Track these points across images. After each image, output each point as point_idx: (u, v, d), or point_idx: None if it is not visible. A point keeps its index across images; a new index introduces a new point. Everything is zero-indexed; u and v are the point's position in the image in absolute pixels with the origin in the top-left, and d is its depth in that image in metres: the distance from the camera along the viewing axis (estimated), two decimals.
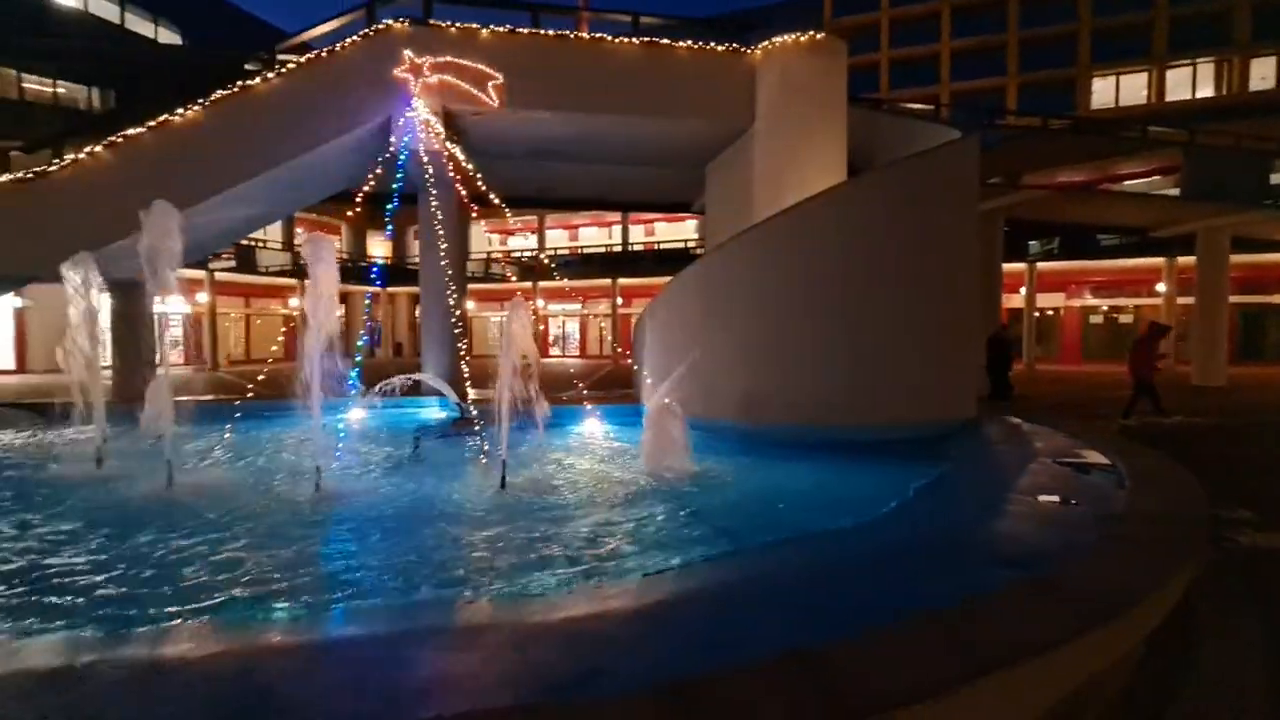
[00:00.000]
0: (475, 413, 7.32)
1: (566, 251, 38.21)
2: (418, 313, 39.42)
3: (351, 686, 1.85)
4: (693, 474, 5.26)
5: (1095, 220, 19.87)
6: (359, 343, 8.92)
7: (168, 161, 7.64)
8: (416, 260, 36.76)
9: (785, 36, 8.90)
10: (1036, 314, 24.30)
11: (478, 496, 4.65)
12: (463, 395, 8.45)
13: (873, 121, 10.76)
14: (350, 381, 6.05)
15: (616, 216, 34.82)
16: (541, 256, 25.58)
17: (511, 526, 3.93)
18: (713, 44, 9.14)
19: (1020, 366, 21.96)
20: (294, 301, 29.97)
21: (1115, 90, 36.20)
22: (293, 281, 29.18)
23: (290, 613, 2.77)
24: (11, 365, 21.03)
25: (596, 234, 38.54)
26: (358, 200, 8.28)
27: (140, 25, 28.47)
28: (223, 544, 3.65)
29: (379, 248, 37.25)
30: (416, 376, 8.32)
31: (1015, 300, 23.50)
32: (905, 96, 34.60)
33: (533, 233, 38.74)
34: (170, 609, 2.80)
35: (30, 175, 7.40)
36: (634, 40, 8.95)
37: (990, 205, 14.01)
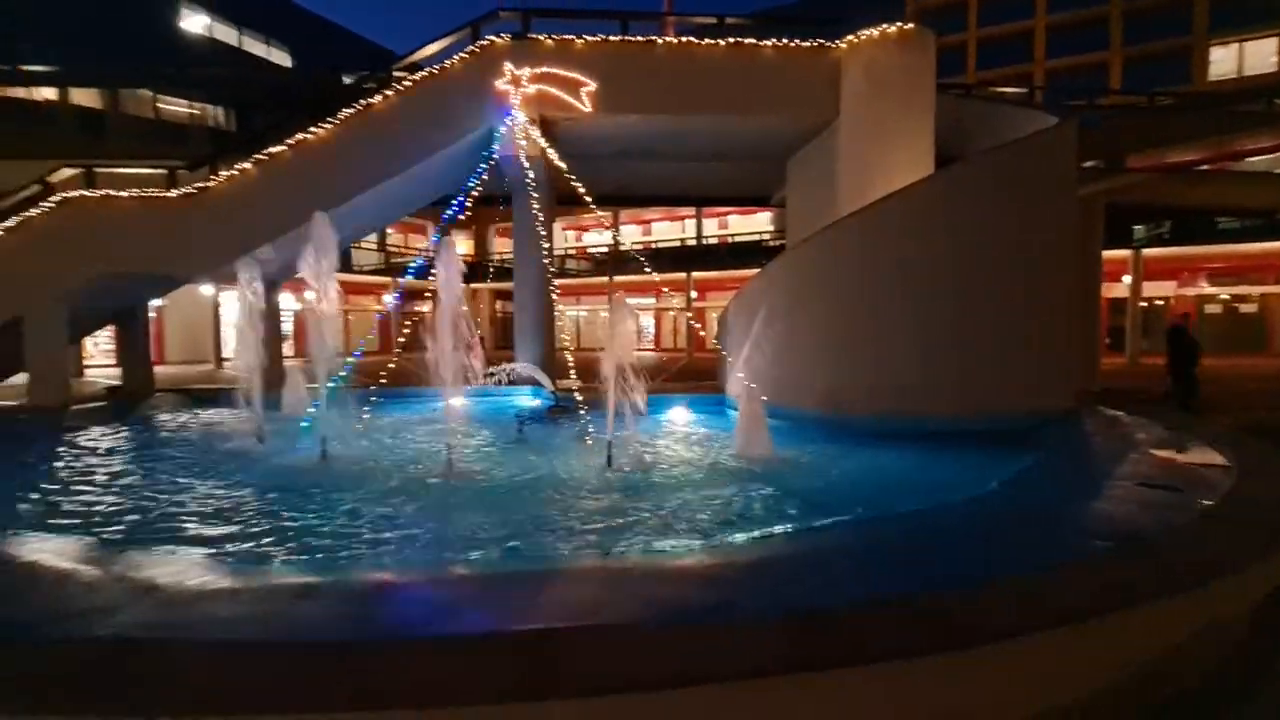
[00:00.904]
0: (570, 401, 7.89)
1: (640, 246, 38.75)
2: (498, 307, 41.18)
3: (521, 610, 2.31)
4: (783, 459, 5.56)
5: (1213, 202, 18.40)
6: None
7: (304, 175, 8.63)
8: (497, 258, 38.15)
9: (871, 30, 8.94)
10: (1143, 304, 22.70)
11: (589, 473, 5.14)
12: (554, 385, 9.08)
13: (962, 109, 10.56)
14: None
15: (689, 210, 34.99)
16: (629, 250, 26.13)
17: (624, 497, 4.39)
18: (797, 41, 9.28)
19: (1121, 361, 20.65)
20: (387, 298, 31.98)
21: (1238, 59, 33.03)
22: (385, 280, 31.12)
23: (456, 557, 3.32)
24: (152, 357, 23.73)
25: (669, 228, 38.83)
26: (466, 203, 9.03)
27: (254, 46, 31.15)
28: (382, 502, 4.31)
29: (461, 245, 39.08)
30: (518, 366, 8.95)
31: (1118, 289, 22.05)
32: (994, 77, 32.93)
33: (606, 228, 39.53)
34: (346, 550, 3.41)
35: (194, 190, 8.54)
36: (719, 42, 9.23)
37: (1090, 190, 13.35)
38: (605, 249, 36.80)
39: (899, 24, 8.91)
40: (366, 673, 1.70)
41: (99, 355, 19.84)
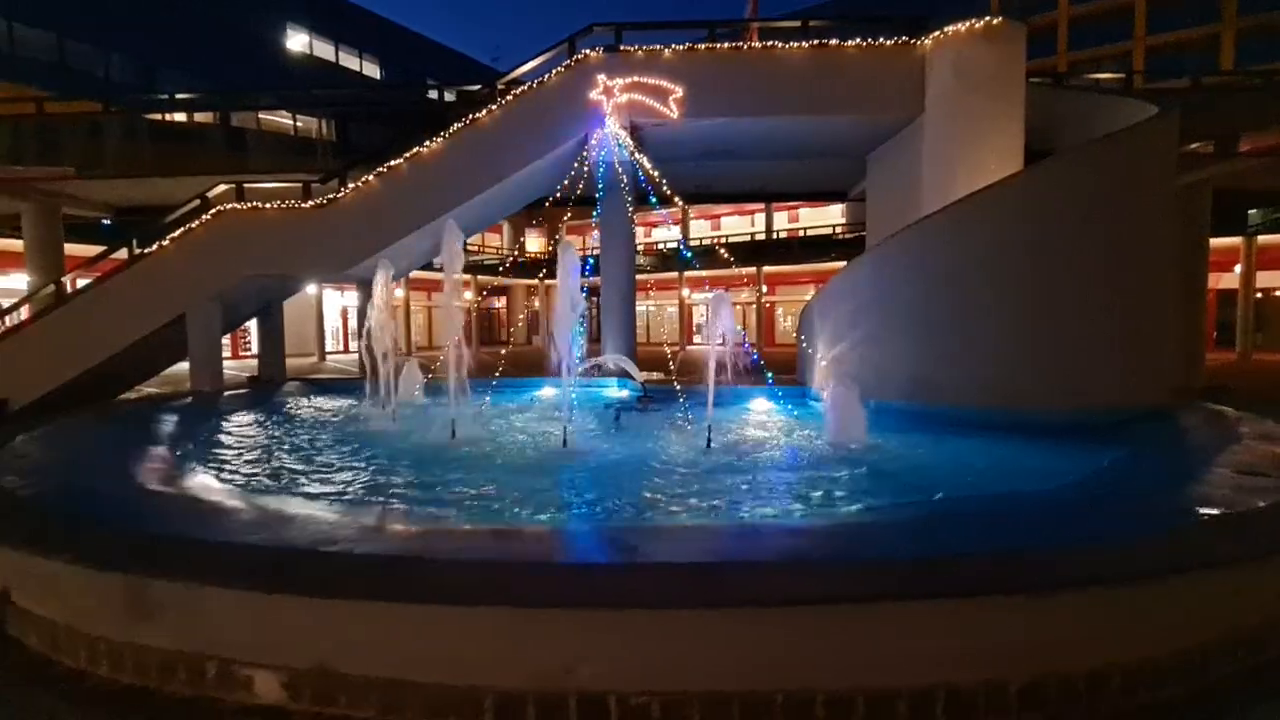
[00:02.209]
0: (655, 392, 8.46)
1: (709, 241, 38.96)
2: None
3: (671, 552, 2.82)
4: (875, 445, 5.87)
5: None
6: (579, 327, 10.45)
7: (418, 186, 9.57)
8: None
9: (957, 25, 8.97)
10: (1258, 295, 21.08)
11: (691, 453, 5.65)
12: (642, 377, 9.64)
13: (1053, 99, 10.36)
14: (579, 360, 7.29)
15: (759, 204, 34.93)
16: (715, 244, 26.59)
17: (729, 475, 4.86)
18: (880, 39, 9.43)
19: (1230, 357, 19.33)
20: (468, 295, 33.67)
21: None
22: (468, 277, 32.78)
23: (605, 514, 3.90)
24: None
25: (738, 222, 38.84)
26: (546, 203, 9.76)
27: (349, 61, 33.42)
28: (524, 472, 4.98)
29: (534, 243, 40.50)
30: (611, 359, 9.57)
31: (1228, 279, 20.60)
32: (1088, 58, 31.10)
33: (676, 224, 39.96)
34: (480, 508, 4.03)
35: (325, 201, 9.62)
36: (803, 45, 9.51)
37: (1194, 177, 12.68)
38: (674, 244, 37.31)
39: (987, 19, 8.91)
40: (595, 586, 2.28)
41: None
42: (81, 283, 10.53)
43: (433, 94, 18.31)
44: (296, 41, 31.23)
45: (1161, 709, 2.25)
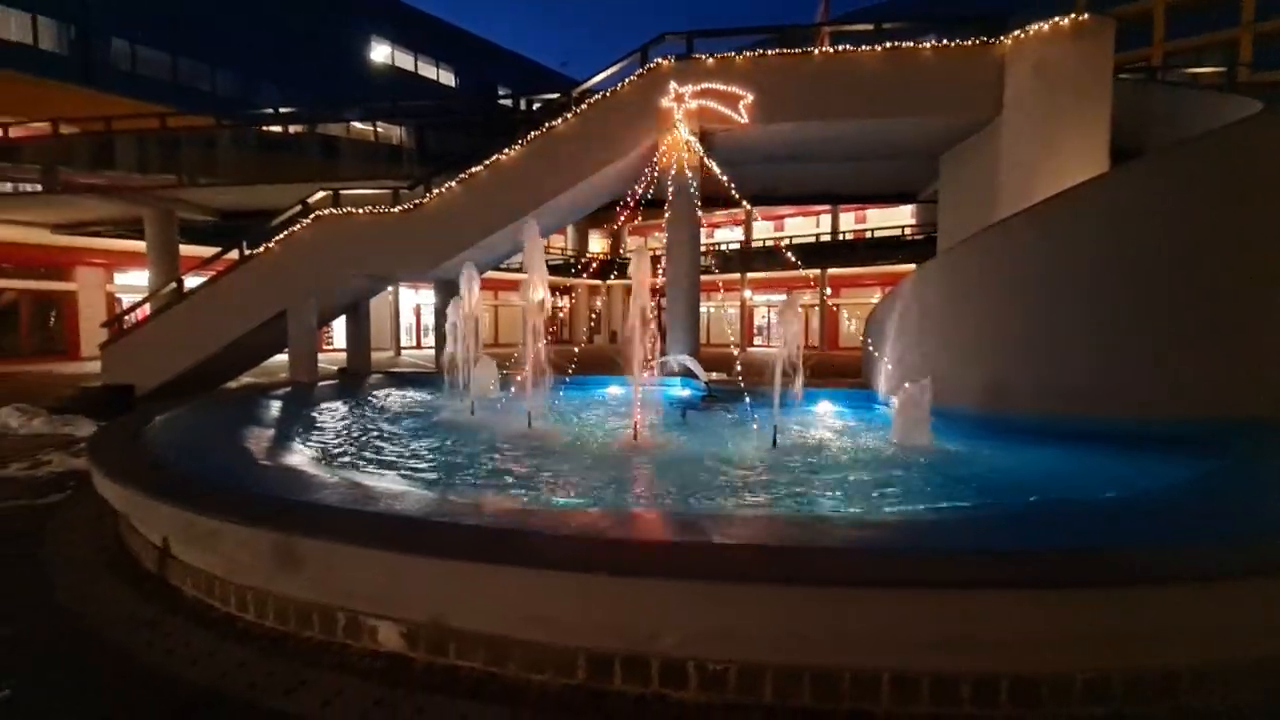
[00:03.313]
0: (720, 392, 8.62)
1: (772, 242, 38.60)
2: (629, 304, 42.88)
3: (750, 538, 3.02)
4: (945, 449, 5.85)
5: None
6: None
7: (497, 191, 10.11)
8: (629, 256, 39.74)
9: (1040, 24, 8.73)
10: None
11: (758, 451, 5.80)
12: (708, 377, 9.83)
13: (1144, 95, 9.91)
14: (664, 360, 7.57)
15: (824, 205, 34.38)
16: (782, 248, 26.46)
17: (795, 472, 5.00)
18: (957, 41, 9.28)
19: None
20: (540, 294, 34.60)
21: None
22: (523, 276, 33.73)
23: (680, 503, 4.14)
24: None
25: (803, 223, 38.34)
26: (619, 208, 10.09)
27: (426, 69, 35.08)
28: (605, 463, 5.28)
29: (597, 244, 41.20)
30: (678, 359, 9.81)
31: None
32: (1188, 48, 29.04)
33: (737, 225, 39.85)
34: (558, 494, 4.32)
35: (411, 206, 10.30)
36: (876, 48, 9.47)
37: None
38: (735, 246, 37.21)
39: (1072, 16, 8.63)
40: (678, 560, 2.53)
41: None
42: (193, 281, 11.63)
43: (507, 102, 19.06)
44: (379, 53, 33.07)
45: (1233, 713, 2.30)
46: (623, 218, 10.33)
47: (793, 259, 10.28)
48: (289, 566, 2.93)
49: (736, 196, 9.29)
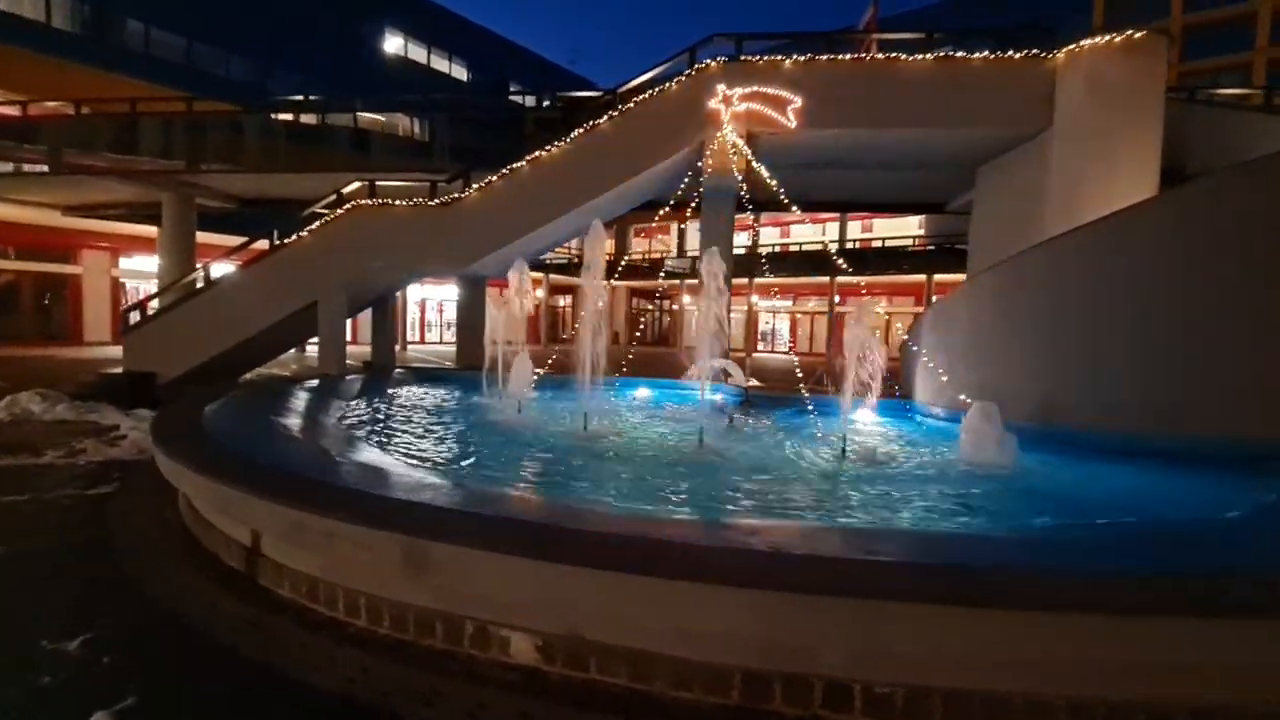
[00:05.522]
0: (755, 397, 8.55)
1: (779, 248, 38.64)
2: (634, 304, 42.76)
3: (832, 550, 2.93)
4: (1010, 467, 5.75)
5: None
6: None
7: (539, 188, 9.98)
8: (638, 256, 39.54)
9: (1095, 38, 8.72)
10: None
11: (829, 461, 5.70)
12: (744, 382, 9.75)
13: (1186, 114, 9.93)
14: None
15: (831, 214, 34.43)
16: (824, 249, 26.28)
17: (873, 484, 4.90)
18: (1009, 52, 9.25)
19: None
20: (539, 293, 34.53)
21: None
22: (540, 275, 33.65)
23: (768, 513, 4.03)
24: (349, 339, 27.62)
25: (810, 231, 38.41)
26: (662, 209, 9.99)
27: (439, 63, 34.88)
28: (676, 469, 5.16)
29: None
30: (718, 363, 9.70)
31: None
32: (1206, 68, 29.34)
33: (743, 229, 39.80)
34: (614, 496, 4.22)
35: (449, 200, 10.14)
36: (926, 57, 9.43)
37: None
38: (742, 250, 37.17)
39: (1129, 31, 8.63)
40: (835, 577, 2.43)
41: None
42: (217, 269, 11.42)
43: (529, 100, 18.98)
44: (393, 45, 32.83)
45: None
46: (658, 218, 10.23)
47: (842, 264, 10.14)
48: (419, 572, 2.80)
49: (785, 200, 9.20)
